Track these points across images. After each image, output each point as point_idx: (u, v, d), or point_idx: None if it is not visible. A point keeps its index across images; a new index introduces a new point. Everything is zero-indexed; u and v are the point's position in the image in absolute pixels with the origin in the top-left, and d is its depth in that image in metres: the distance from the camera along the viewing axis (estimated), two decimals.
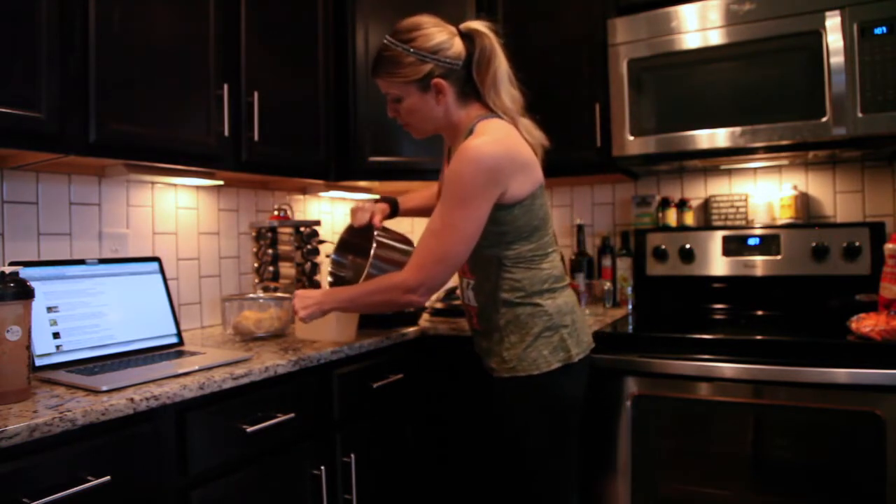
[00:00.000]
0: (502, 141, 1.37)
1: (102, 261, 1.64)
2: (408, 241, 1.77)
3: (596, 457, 1.79)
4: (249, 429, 1.40)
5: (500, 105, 1.45)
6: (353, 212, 1.75)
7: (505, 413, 1.49)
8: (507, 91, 1.45)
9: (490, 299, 1.48)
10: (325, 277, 2.41)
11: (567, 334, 1.44)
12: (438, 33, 1.42)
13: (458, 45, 1.43)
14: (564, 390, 1.45)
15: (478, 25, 1.44)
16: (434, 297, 2.24)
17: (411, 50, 1.41)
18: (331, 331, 1.74)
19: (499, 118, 1.44)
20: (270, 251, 2.23)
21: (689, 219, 2.41)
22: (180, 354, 1.58)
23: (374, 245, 1.66)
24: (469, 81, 1.45)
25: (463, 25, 1.45)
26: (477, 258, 1.45)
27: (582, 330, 1.50)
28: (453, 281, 1.63)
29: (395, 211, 1.84)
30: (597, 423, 1.78)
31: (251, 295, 2.00)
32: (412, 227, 3.02)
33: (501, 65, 1.44)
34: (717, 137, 1.97)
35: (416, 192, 1.91)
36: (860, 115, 1.78)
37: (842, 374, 1.52)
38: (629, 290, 2.40)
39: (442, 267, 1.38)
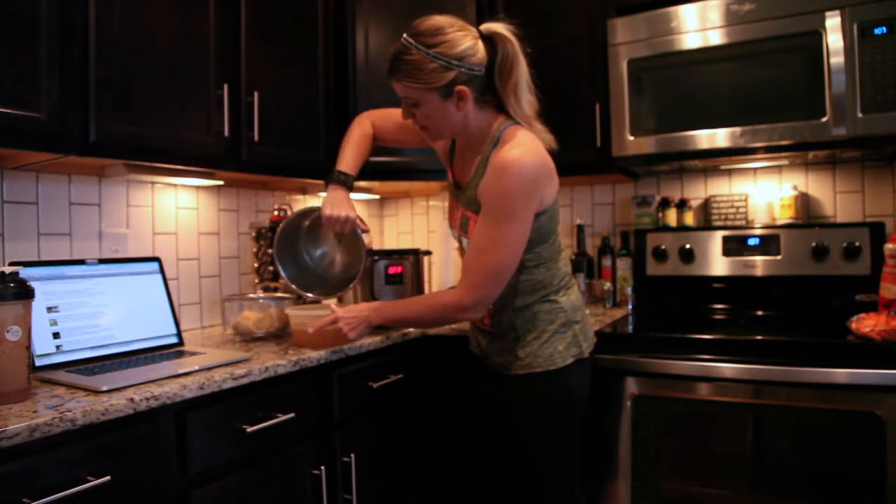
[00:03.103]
0: (537, 152, 1.36)
1: (102, 261, 1.64)
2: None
3: (596, 457, 1.79)
4: (249, 429, 1.40)
5: (519, 113, 1.41)
6: (333, 222, 1.63)
7: (517, 411, 1.48)
8: (527, 98, 1.41)
9: (508, 300, 1.48)
10: None
11: (579, 330, 1.48)
12: (463, 38, 1.35)
13: (481, 51, 1.36)
14: (576, 385, 1.48)
15: (500, 29, 1.37)
16: None
17: (436, 56, 1.33)
18: (329, 339, 1.72)
19: (520, 125, 1.42)
20: (270, 251, 2.23)
21: (689, 219, 2.41)
22: (180, 354, 1.58)
23: (365, 255, 1.71)
24: (489, 86, 1.40)
25: (484, 27, 1.39)
26: None
27: (589, 325, 1.55)
28: None
29: (351, 186, 1.73)
30: (597, 423, 1.78)
31: (251, 295, 2.00)
32: (411, 226, 3.02)
33: (523, 72, 1.39)
34: (717, 137, 1.97)
35: (348, 147, 1.73)
36: (860, 115, 1.78)
37: (842, 375, 1.52)
38: (629, 290, 2.40)
39: (494, 283, 1.38)
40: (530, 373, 1.45)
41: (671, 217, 2.41)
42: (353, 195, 2.63)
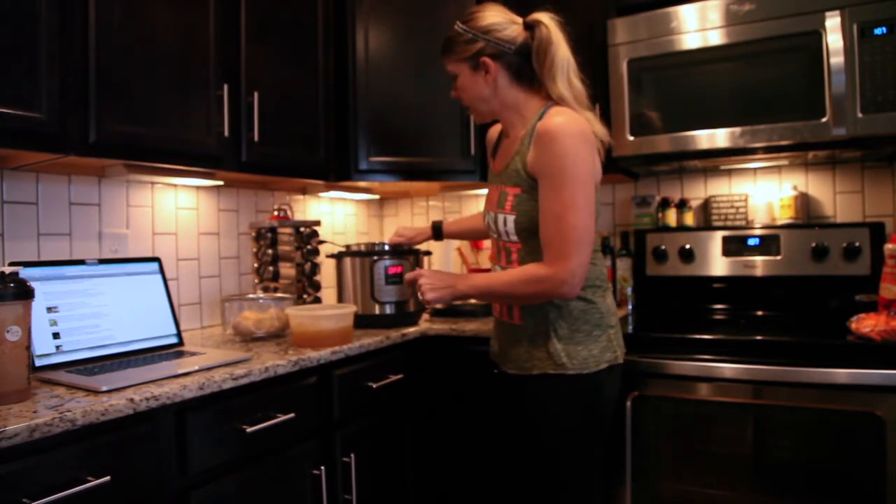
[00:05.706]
0: (581, 122, 1.38)
1: (102, 261, 1.64)
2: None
3: None
4: (249, 429, 1.40)
5: (556, 93, 1.43)
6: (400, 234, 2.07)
7: (543, 412, 1.43)
8: (566, 81, 1.44)
9: None
10: (324, 277, 2.41)
11: (614, 335, 1.44)
12: (493, 16, 1.46)
13: (513, 31, 1.45)
14: (608, 391, 1.43)
15: (539, 16, 1.45)
16: None
17: (465, 29, 1.47)
18: (329, 339, 1.72)
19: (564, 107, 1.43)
20: (270, 251, 2.23)
21: (689, 219, 2.41)
22: (180, 355, 1.58)
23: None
24: (527, 68, 1.46)
25: (530, 17, 1.47)
26: (530, 247, 1.42)
27: (621, 332, 1.50)
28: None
29: (437, 233, 2.03)
30: None
31: (251, 295, 2.00)
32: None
33: (558, 54, 1.42)
34: (716, 138, 1.97)
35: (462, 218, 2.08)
36: (860, 115, 1.78)
37: (842, 375, 1.52)
38: (629, 290, 2.40)
39: (580, 249, 1.33)
40: (562, 373, 1.38)
41: (671, 217, 2.41)
42: (353, 195, 2.65)
